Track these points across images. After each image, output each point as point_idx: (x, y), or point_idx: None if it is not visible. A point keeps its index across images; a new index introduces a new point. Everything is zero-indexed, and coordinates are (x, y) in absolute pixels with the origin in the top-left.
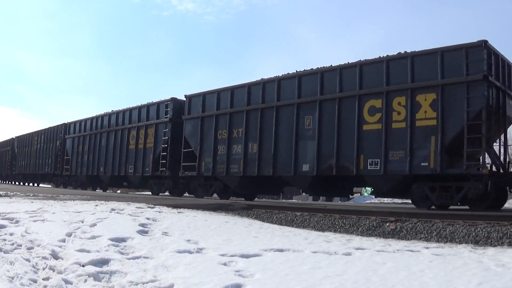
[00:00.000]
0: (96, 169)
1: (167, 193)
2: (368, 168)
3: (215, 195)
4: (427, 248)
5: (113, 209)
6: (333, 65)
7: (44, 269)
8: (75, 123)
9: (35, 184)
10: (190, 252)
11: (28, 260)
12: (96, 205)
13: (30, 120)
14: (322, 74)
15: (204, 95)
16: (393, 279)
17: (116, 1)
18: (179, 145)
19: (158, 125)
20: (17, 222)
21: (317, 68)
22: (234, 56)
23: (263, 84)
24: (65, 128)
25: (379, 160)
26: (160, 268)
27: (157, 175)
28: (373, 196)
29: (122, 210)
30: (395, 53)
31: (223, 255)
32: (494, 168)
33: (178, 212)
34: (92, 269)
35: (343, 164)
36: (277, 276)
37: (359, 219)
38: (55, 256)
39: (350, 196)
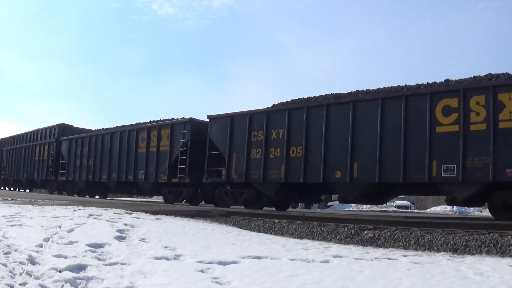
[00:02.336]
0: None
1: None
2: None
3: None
4: (405, 256)
5: (91, 215)
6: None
7: (21, 274)
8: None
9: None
10: (167, 258)
11: (5, 265)
12: (74, 211)
13: (8, 124)
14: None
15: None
16: (371, 287)
17: (96, 5)
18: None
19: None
20: None
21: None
22: (214, 62)
23: None
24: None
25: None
26: (137, 274)
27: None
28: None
29: (100, 215)
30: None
31: (200, 262)
32: None
33: (156, 219)
34: (69, 274)
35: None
36: (254, 283)
37: (337, 226)
38: (32, 261)
39: (328, 204)
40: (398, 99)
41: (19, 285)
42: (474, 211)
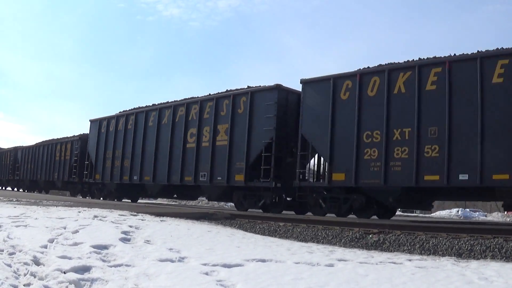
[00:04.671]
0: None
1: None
2: None
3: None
4: (410, 260)
5: (95, 216)
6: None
7: (25, 275)
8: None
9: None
10: (172, 260)
11: (9, 265)
12: (79, 212)
13: (13, 125)
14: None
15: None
16: None
17: (101, 5)
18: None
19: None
20: None
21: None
22: (219, 63)
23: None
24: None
25: None
26: (142, 276)
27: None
28: None
29: (104, 217)
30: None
31: (205, 264)
32: None
33: (161, 221)
34: (73, 276)
35: None
36: (259, 286)
37: (342, 230)
38: (36, 262)
39: None
40: None
41: (24, 285)
42: (479, 215)
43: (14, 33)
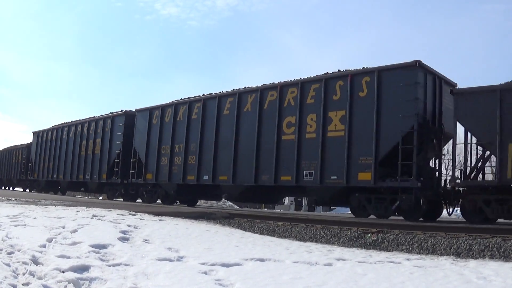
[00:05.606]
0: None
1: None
2: None
3: None
4: (408, 259)
5: (94, 216)
6: None
7: (24, 274)
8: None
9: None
10: (170, 260)
11: (8, 265)
12: (78, 211)
13: (11, 124)
14: None
15: None
16: None
17: (98, 4)
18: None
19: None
20: None
21: None
22: (217, 63)
23: None
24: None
25: None
26: (140, 275)
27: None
28: None
29: (103, 216)
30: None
31: (203, 263)
32: None
33: (160, 220)
34: (72, 275)
35: None
36: (257, 285)
37: (340, 229)
38: (35, 261)
39: (331, 207)
40: None
41: (22, 285)
42: None
43: (13, 32)
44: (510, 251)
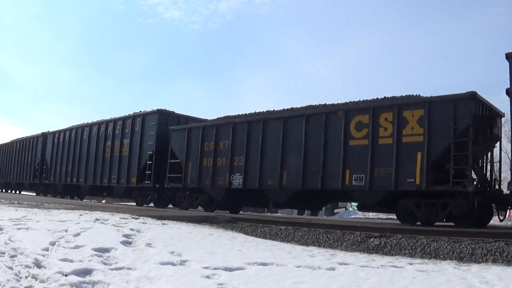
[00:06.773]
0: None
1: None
2: None
3: None
4: (411, 264)
5: (97, 219)
6: None
7: (26, 277)
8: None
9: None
10: (173, 264)
11: (11, 268)
12: (81, 215)
13: (13, 127)
14: None
15: None
16: None
17: (101, 7)
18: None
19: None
20: (0, 229)
21: None
22: (220, 66)
23: None
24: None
25: None
26: (143, 279)
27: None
28: (358, 212)
29: (106, 220)
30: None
31: (206, 267)
32: None
33: (163, 224)
34: (74, 279)
35: None
36: None
37: (343, 234)
38: (38, 264)
39: (335, 211)
40: None
41: None
42: None
43: (14, 36)
44: None
